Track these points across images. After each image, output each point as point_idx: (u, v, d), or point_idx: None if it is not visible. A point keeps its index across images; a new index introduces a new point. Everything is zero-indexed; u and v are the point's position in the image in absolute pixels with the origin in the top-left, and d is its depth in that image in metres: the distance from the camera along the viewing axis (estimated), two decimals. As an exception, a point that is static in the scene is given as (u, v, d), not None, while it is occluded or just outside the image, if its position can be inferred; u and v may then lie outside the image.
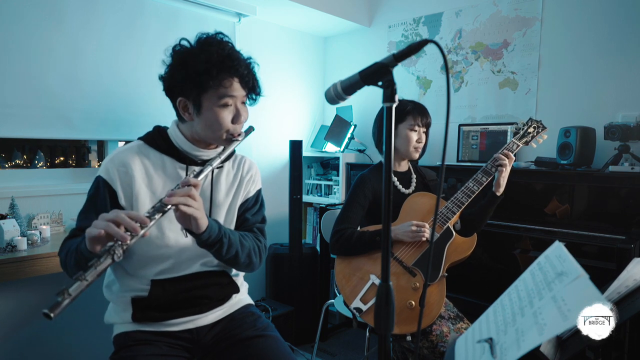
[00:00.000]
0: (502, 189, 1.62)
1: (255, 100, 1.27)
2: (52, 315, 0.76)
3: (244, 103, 1.22)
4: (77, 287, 0.80)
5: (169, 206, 0.97)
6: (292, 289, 2.66)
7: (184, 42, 1.17)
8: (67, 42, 1.97)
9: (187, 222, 1.03)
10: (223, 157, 1.16)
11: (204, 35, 1.17)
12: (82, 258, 0.98)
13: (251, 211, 1.32)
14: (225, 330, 1.27)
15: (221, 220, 1.26)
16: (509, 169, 1.61)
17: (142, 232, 0.92)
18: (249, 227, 1.30)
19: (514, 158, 1.62)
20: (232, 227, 1.29)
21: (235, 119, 1.18)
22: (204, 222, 1.04)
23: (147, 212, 0.96)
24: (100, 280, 1.29)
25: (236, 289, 1.32)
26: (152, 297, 1.18)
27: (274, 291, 2.77)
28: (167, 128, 1.26)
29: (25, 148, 2.56)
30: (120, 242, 0.88)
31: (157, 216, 0.95)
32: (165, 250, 1.18)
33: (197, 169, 1.13)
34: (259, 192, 1.37)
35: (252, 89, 1.23)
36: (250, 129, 1.28)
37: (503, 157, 1.60)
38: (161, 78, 1.20)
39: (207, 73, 1.11)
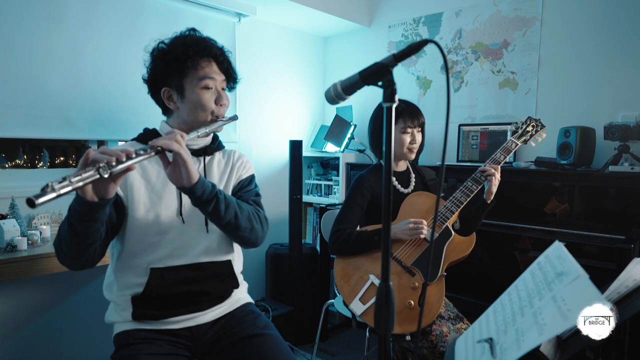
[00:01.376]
0: (492, 197, 1.63)
1: (233, 87, 1.34)
2: (36, 202, 0.77)
3: (224, 89, 1.28)
4: (62, 186, 0.82)
5: (157, 147, 0.99)
6: (292, 289, 2.66)
7: (162, 45, 1.25)
8: (67, 42, 1.97)
9: (177, 175, 1.03)
10: (208, 129, 1.20)
11: (178, 33, 1.27)
12: (72, 215, 0.99)
13: (245, 190, 1.34)
14: (225, 329, 1.27)
15: None
16: (498, 176, 1.61)
17: (128, 163, 0.92)
18: (245, 201, 1.31)
19: (499, 168, 1.62)
20: None
21: (218, 100, 1.24)
22: (193, 170, 1.04)
23: (134, 151, 0.97)
24: (101, 281, 1.30)
25: (236, 284, 1.32)
26: (151, 286, 1.18)
27: (274, 291, 2.77)
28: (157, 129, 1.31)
29: (26, 148, 2.55)
30: (106, 163, 0.89)
31: (142, 153, 0.96)
32: (162, 237, 1.19)
33: None
34: (252, 176, 1.39)
35: (229, 74, 1.28)
36: (234, 117, 1.34)
37: (490, 168, 1.60)
38: (144, 80, 1.28)
39: (185, 54, 1.18)
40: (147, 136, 1.27)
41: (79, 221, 0.98)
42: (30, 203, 0.77)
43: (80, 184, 0.85)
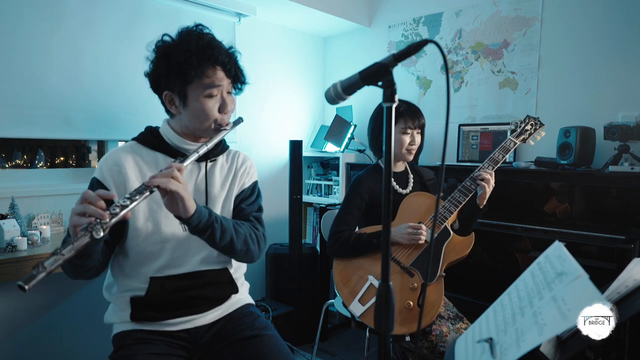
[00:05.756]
0: (485, 202, 1.63)
1: (241, 89, 1.28)
2: (26, 287, 0.75)
3: (229, 93, 1.23)
4: (53, 262, 0.79)
5: (152, 188, 0.96)
6: (292, 289, 2.66)
7: (166, 37, 1.19)
8: (67, 42, 1.97)
9: (174, 207, 1.02)
10: (210, 145, 1.16)
11: (185, 28, 1.19)
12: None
13: (247, 201, 1.32)
14: (223, 330, 1.27)
15: (217, 212, 1.26)
16: (492, 182, 1.60)
17: (123, 212, 0.90)
18: (246, 216, 1.30)
19: (493, 174, 1.61)
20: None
21: (222, 108, 1.19)
22: (190, 204, 1.03)
23: (128, 193, 0.94)
24: (101, 281, 1.30)
25: (235, 290, 1.31)
26: (150, 294, 1.18)
27: (274, 291, 2.77)
28: (159, 127, 1.28)
29: (26, 148, 2.55)
30: (99, 220, 0.86)
31: (138, 197, 0.93)
32: (162, 246, 1.19)
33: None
34: (254, 184, 1.37)
35: (236, 77, 1.23)
36: (239, 120, 1.29)
37: (485, 173, 1.60)
38: (146, 75, 1.23)
39: (188, 62, 1.12)
40: (149, 138, 1.25)
41: (75, 258, 0.92)
42: (22, 289, 0.75)
43: (73, 253, 0.82)
